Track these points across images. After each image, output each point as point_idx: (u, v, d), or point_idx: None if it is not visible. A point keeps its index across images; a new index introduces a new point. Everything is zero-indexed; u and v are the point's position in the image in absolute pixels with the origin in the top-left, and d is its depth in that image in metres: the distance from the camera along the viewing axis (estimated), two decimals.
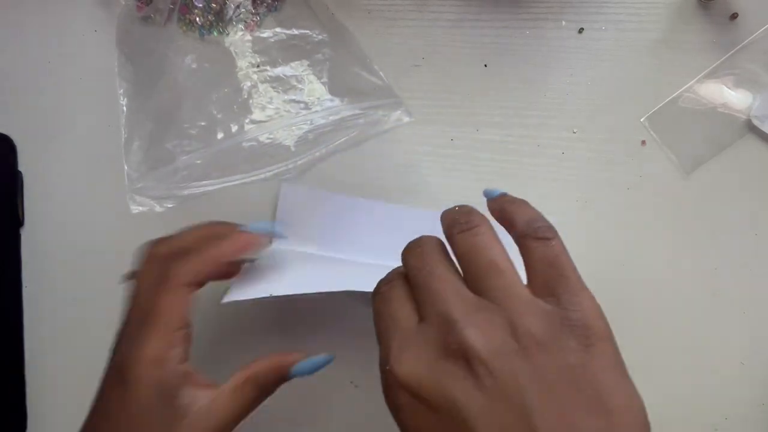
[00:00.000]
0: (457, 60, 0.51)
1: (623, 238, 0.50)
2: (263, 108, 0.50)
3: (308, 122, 0.50)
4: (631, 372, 0.51)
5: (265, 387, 0.37)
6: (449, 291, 0.30)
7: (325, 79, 0.51)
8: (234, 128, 0.50)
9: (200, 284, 0.38)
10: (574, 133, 0.51)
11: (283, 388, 0.49)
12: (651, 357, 0.50)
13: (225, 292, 0.40)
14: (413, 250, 0.33)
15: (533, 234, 0.32)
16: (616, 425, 0.28)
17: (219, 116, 0.50)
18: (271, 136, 0.50)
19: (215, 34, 0.51)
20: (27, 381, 0.51)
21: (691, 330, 0.50)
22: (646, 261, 0.50)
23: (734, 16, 0.50)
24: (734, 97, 0.50)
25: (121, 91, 0.51)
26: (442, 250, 0.33)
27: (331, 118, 0.50)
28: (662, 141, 0.50)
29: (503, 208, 0.34)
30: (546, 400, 0.27)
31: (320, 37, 0.51)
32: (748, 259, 0.50)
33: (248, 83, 0.51)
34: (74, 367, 0.51)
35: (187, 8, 0.51)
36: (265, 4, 0.51)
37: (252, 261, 0.42)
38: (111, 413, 0.36)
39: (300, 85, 0.51)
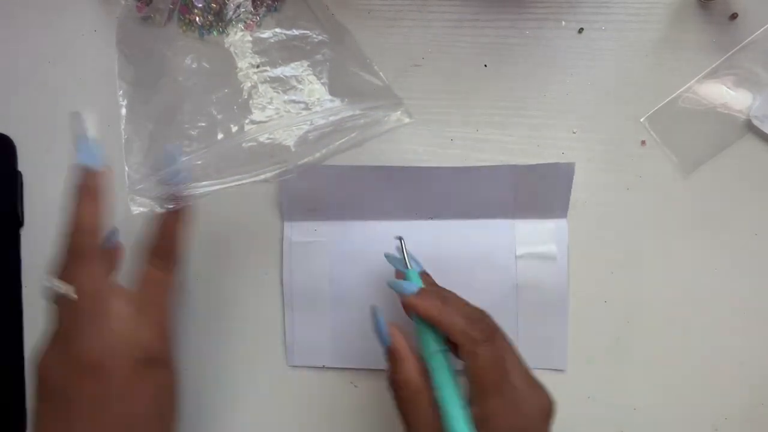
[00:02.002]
0: (457, 60, 0.51)
1: (623, 238, 0.50)
2: (263, 108, 0.50)
3: (308, 123, 0.50)
4: (631, 371, 0.51)
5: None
6: None
7: (325, 80, 0.51)
8: (234, 129, 0.50)
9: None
10: (574, 133, 0.51)
11: (286, 388, 0.49)
12: (651, 357, 0.50)
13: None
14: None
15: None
16: None
17: (219, 117, 0.50)
18: (271, 137, 0.50)
19: (215, 34, 0.51)
20: (27, 381, 0.51)
21: (691, 330, 0.50)
22: (646, 261, 0.50)
23: (734, 16, 0.50)
24: (734, 97, 0.50)
25: (121, 91, 0.51)
26: None
27: (331, 118, 0.50)
28: (662, 141, 0.50)
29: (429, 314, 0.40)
30: None
31: (320, 37, 0.51)
32: (748, 259, 0.50)
33: (248, 84, 0.51)
34: None
35: (187, 8, 0.51)
36: (264, 5, 0.51)
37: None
38: None
39: (300, 86, 0.51)
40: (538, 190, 0.50)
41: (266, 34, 0.51)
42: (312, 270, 0.51)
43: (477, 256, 0.50)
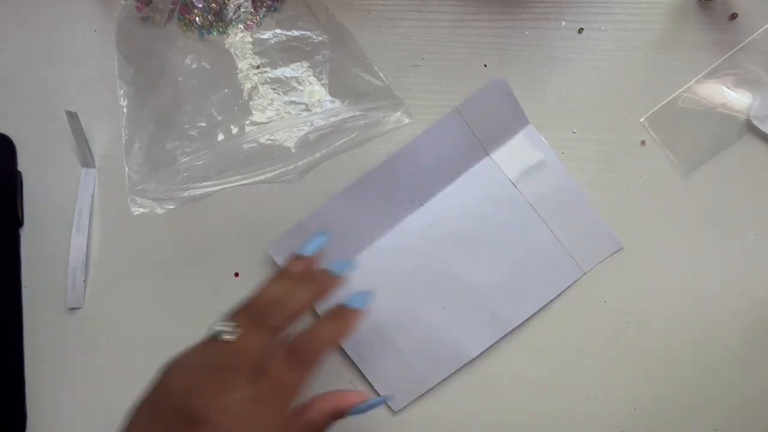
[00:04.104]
0: (457, 60, 0.51)
1: (623, 238, 0.50)
2: (263, 110, 0.50)
3: (309, 124, 0.50)
4: (631, 371, 0.51)
5: (322, 429, 0.39)
6: None
7: (325, 81, 0.51)
8: (234, 130, 0.50)
9: None
10: (574, 133, 0.51)
11: None
12: (651, 357, 0.50)
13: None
14: None
15: None
16: None
17: (219, 118, 0.50)
18: (272, 138, 0.50)
19: (215, 34, 0.51)
20: (27, 381, 0.51)
21: (691, 330, 0.50)
22: (646, 261, 0.50)
23: (734, 16, 0.50)
24: (734, 97, 0.50)
25: (121, 92, 0.51)
26: None
27: (331, 119, 0.50)
28: (662, 141, 0.50)
29: None
30: None
31: (320, 38, 0.51)
32: (748, 259, 0.50)
33: (248, 85, 0.51)
34: (74, 367, 0.51)
35: (187, 8, 0.51)
36: (265, 5, 0.51)
37: None
38: None
39: (300, 87, 0.51)
40: (490, 117, 0.50)
41: (266, 34, 0.51)
42: None
43: (481, 207, 0.50)
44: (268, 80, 0.51)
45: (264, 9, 0.51)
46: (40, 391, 0.51)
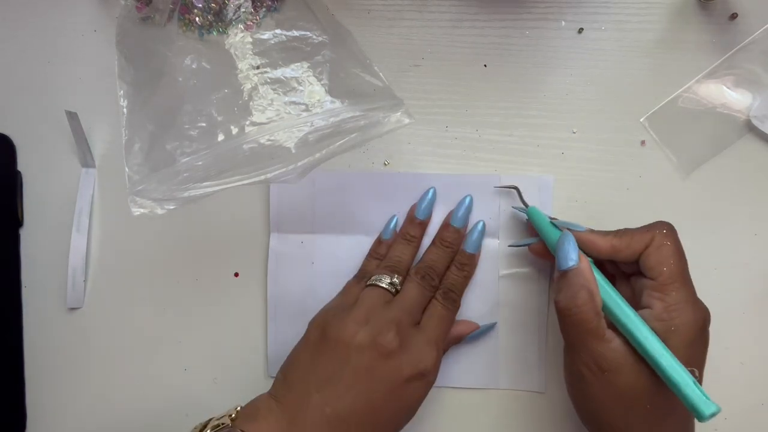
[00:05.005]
0: (457, 60, 0.51)
1: None
2: (263, 110, 0.50)
3: (309, 124, 0.50)
4: None
5: (444, 351, 0.48)
6: None
7: (325, 81, 0.51)
8: (234, 130, 0.50)
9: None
10: (574, 133, 0.51)
11: None
12: None
13: None
14: None
15: None
16: None
17: (219, 118, 0.50)
18: (272, 139, 0.50)
19: (215, 34, 0.51)
20: (27, 381, 0.51)
21: None
22: None
23: (734, 16, 0.50)
24: (734, 97, 0.50)
25: (121, 92, 0.51)
26: None
27: (331, 120, 0.50)
28: (662, 141, 0.50)
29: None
30: None
31: (320, 38, 0.51)
32: (748, 259, 0.50)
33: (248, 85, 0.51)
34: (74, 367, 0.52)
35: (187, 8, 0.51)
36: (264, 5, 0.51)
37: None
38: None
39: (300, 87, 0.51)
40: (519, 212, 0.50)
41: (266, 35, 0.51)
42: (295, 284, 0.51)
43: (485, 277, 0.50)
44: (268, 80, 0.51)
45: (264, 9, 0.51)
46: (40, 391, 0.51)
